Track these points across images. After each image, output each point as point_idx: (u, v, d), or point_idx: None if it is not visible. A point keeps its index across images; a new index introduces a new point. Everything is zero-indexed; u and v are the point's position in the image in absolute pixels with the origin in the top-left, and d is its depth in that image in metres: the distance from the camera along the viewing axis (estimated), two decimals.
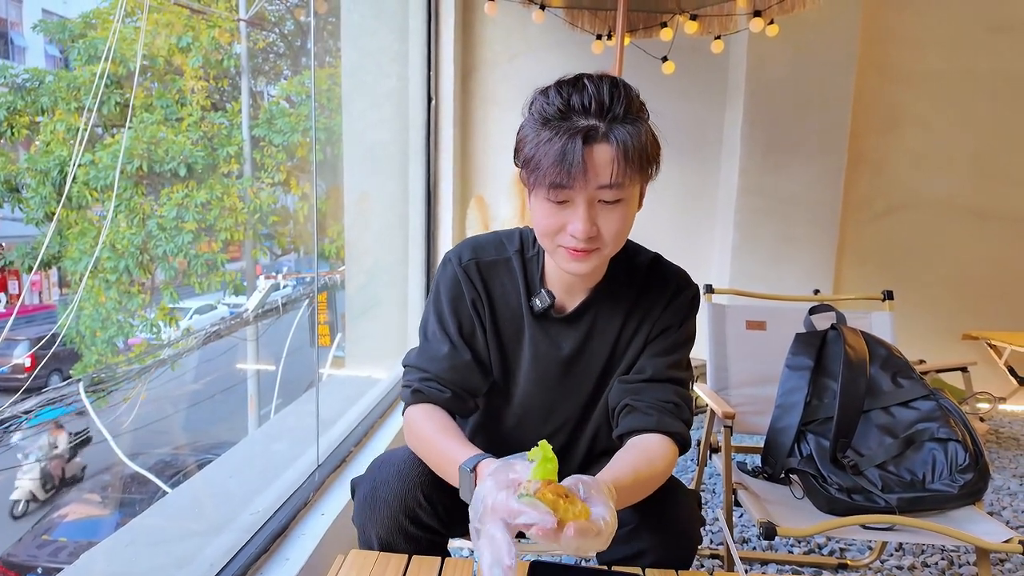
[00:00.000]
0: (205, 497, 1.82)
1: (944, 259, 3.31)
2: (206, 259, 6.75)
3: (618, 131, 0.80)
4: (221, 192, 6.82)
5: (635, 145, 0.80)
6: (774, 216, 3.07)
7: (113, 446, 3.77)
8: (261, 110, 7.29)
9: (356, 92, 2.90)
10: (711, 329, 1.75)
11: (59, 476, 5.94)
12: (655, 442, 0.91)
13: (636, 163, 0.81)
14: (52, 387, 4.45)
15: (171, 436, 6.73)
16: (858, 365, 1.50)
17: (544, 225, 0.86)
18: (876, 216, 3.30)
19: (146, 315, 7.08)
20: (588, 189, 0.81)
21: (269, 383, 7.01)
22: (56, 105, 7.27)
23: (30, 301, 9.33)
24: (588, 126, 0.79)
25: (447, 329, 0.99)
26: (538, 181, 0.82)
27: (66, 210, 7.34)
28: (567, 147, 0.78)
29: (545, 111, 0.82)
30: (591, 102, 0.80)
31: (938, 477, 1.35)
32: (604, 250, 0.87)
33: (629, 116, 0.81)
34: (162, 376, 6.65)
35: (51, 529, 5.53)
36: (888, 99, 3.21)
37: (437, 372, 0.98)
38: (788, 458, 1.50)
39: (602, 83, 0.82)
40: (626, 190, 0.83)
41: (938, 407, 1.44)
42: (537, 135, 0.82)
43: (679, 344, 0.99)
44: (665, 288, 0.99)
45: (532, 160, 0.82)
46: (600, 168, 0.80)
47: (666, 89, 3.03)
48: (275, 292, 6.86)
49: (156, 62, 7.19)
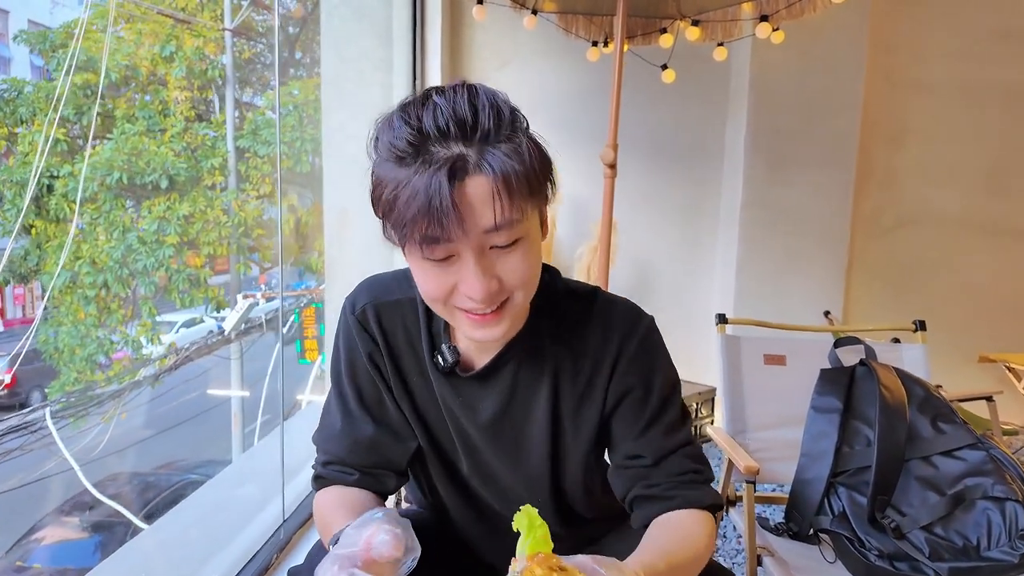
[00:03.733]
0: (158, 557, 1.63)
1: (957, 276, 3.16)
2: (188, 274, 6.53)
3: (492, 155, 0.62)
4: (204, 205, 6.61)
5: (518, 169, 0.62)
6: (780, 230, 2.91)
7: (80, 477, 3.54)
8: (246, 121, 7.11)
9: (336, 102, 2.73)
10: (725, 364, 1.57)
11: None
12: (687, 518, 0.76)
13: (524, 191, 0.63)
14: (16, 414, 4.22)
15: (151, 457, 6.50)
16: (896, 409, 1.32)
17: (429, 291, 0.68)
18: (886, 231, 3.14)
19: (127, 331, 6.85)
20: (472, 236, 0.63)
21: (254, 400, 6.78)
22: (35, 116, 7.09)
23: (13, 315, 9.09)
24: (452, 156, 0.61)
25: (344, 398, 0.83)
26: (406, 237, 0.64)
27: (44, 222, 7.13)
28: (431, 189, 0.60)
29: (394, 146, 0.63)
30: (448, 123, 0.62)
31: (995, 544, 1.18)
32: (515, 300, 0.69)
33: (502, 131, 0.63)
34: (143, 395, 6.42)
35: (27, 555, 5.30)
36: (897, 110, 3.07)
37: (335, 453, 0.83)
38: (818, 516, 1.32)
39: (457, 95, 0.63)
40: (521, 226, 0.65)
41: (989, 458, 1.26)
42: (392, 178, 0.63)
43: (663, 403, 0.79)
44: (608, 339, 0.78)
45: (392, 212, 0.63)
46: (479, 208, 0.62)
47: (666, 98, 2.88)
48: (256, 308, 6.64)
49: (139, 72, 7.00)
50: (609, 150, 1.84)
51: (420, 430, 0.83)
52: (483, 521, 0.89)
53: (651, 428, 0.79)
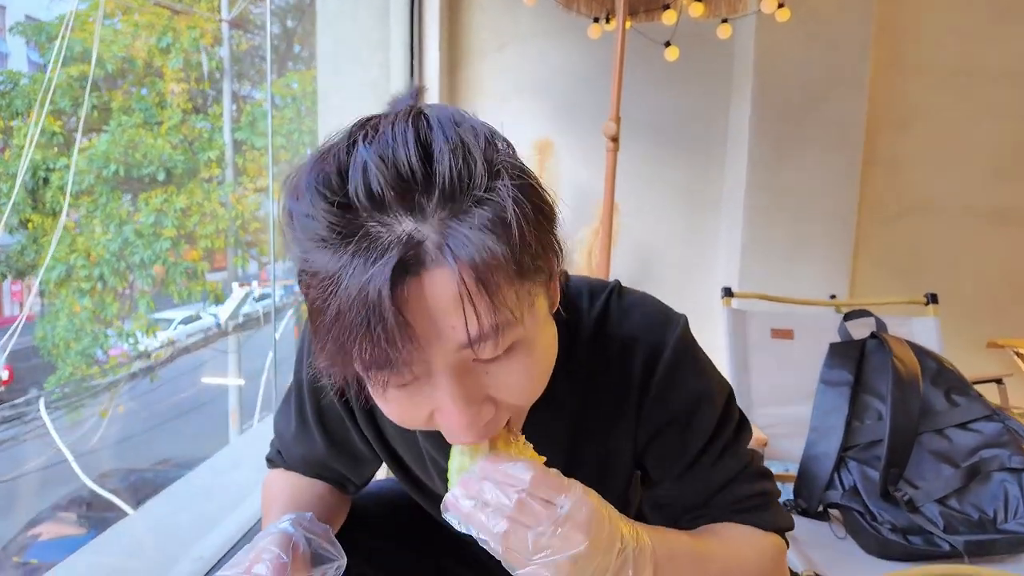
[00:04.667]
0: (147, 535, 1.59)
1: (965, 262, 3.12)
2: (185, 267, 6.48)
3: (457, 234, 0.41)
4: (202, 198, 6.57)
5: (499, 250, 0.41)
6: (785, 215, 2.86)
7: (75, 467, 3.50)
8: (244, 113, 7.06)
9: (333, 84, 2.68)
10: (730, 338, 1.53)
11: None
12: (743, 530, 0.63)
13: (511, 278, 0.42)
14: (8, 404, 4.18)
15: (149, 452, 6.46)
16: (909, 382, 1.28)
17: (404, 420, 0.50)
18: (893, 216, 3.10)
19: (123, 326, 6.81)
20: (441, 355, 0.44)
21: (252, 396, 6.74)
22: (31, 108, 7.04)
23: (10, 311, 9.06)
24: (397, 239, 0.40)
25: (302, 406, 0.70)
26: (347, 362, 0.43)
27: (41, 216, 7.09)
28: (368, 297, 0.40)
29: (308, 228, 0.43)
30: (385, 186, 0.41)
31: (1013, 515, 1.13)
32: (516, 415, 0.52)
33: (473, 187, 0.42)
34: (139, 388, 6.39)
35: (23, 550, 5.27)
36: (904, 93, 3.02)
37: (288, 455, 0.76)
38: (827, 491, 1.27)
39: (400, 136, 0.43)
40: (513, 329, 0.44)
41: (1005, 429, 1.22)
42: (313, 274, 0.43)
43: (710, 433, 0.62)
44: (628, 365, 0.60)
45: (321, 325, 0.43)
46: (441, 319, 0.42)
47: (668, 79, 2.83)
48: (256, 302, 6.60)
49: (135, 64, 6.96)
50: (611, 123, 1.80)
51: (389, 459, 0.72)
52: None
53: (696, 465, 0.62)
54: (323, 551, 0.58)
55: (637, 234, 2.98)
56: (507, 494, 0.45)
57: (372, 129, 0.44)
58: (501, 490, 0.46)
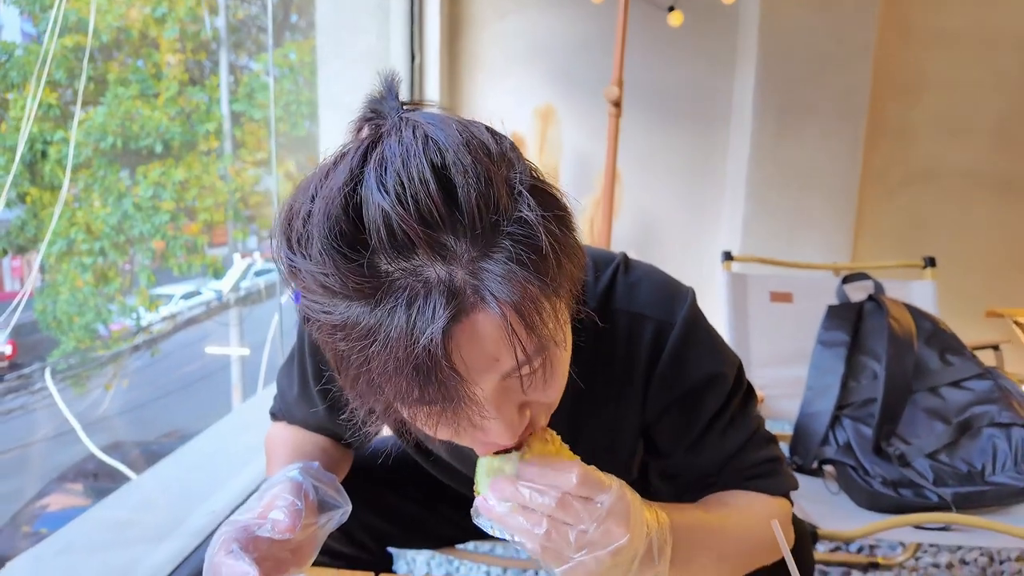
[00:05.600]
0: (159, 493, 1.63)
1: (967, 232, 3.12)
2: (185, 241, 6.49)
3: (492, 273, 0.40)
4: (200, 170, 6.54)
5: (535, 280, 0.41)
6: (788, 186, 2.87)
7: (82, 436, 3.55)
8: (241, 84, 6.99)
9: (332, 51, 2.67)
10: (730, 302, 1.55)
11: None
12: (752, 497, 0.65)
13: (549, 301, 0.43)
14: (15, 375, 4.21)
15: (153, 424, 6.53)
16: (904, 341, 1.30)
17: (434, 435, 0.50)
18: (895, 187, 3.10)
19: (124, 300, 6.83)
20: (485, 384, 0.45)
21: (255, 369, 6.79)
22: (26, 80, 6.96)
23: (11, 287, 9.06)
24: (434, 286, 0.40)
25: (304, 368, 0.70)
26: (381, 399, 0.44)
27: (39, 190, 7.05)
28: (418, 354, 0.39)
29: (328, 287, 0.41)
30: (410, 230, 0.39)
31: (1001, 468, 1.17)
32: (549, 406, 0.53)
33: (501, 217, 0.41)
34: (142, 361, 6.43)
35: (32, 520, 5.36)
36: (910, 61, 3.00)
37: (289, 414, 0.78)
38: (822, 447, 1.31)
39: (409, 168, 0.40)
40: (547, 350, 0.46)
41: (996, 387, 1.25)
42: (339, 326, 0.42)
43: (718, 408, 0.64)
44: (635, 345, 0.61)
45: (351, 370, 0.43)
46: (486, 356, 0.43)
47: (672, 49, 2.81)
48: (258, 275, 6.61)
49: (130, 34, 6.86)
50: (613, 87, 1.80)
51: (393, 426, 0.74)
52: (465, 484, 0.80)
53: (706, 435, 0.64)
54: (329, 499, 0.61)
55: (639, 205, 2.99)
56: (548, 495, 0.47)
57: (379, 165, 0.41)
58: (541, 491, 0.47)
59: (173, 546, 1.24)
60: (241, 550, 0.51)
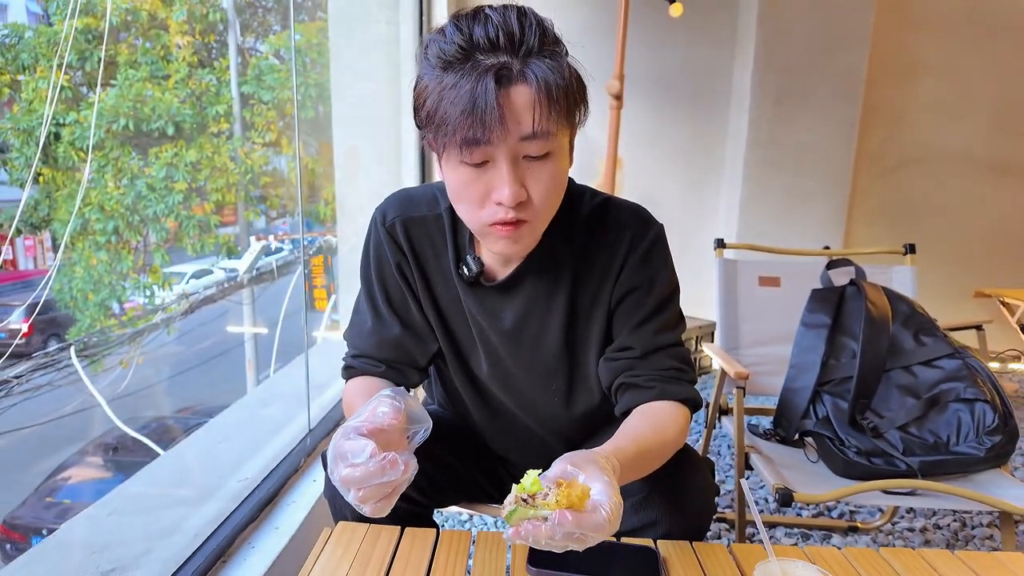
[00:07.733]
0: (193, 463, 1.76)
1: (958, 214, 3.20)
2: (198, 220, 6.60)
3: (536, 67, 0.67)
4: (211, 152, 6.62)
5: (558, 83, 0.68)
6: (784, 169, 2.94)
7: (107, 410, 3.71)
8: (250, 66, 7.03)
9: (344, 40, 2.73)
10: (721, 286, 1.65)
11: None
12: (663, 408, 0.83)
13: (562, 105, 0.69)
14: (42, 351, 4.37)
15: (169, 400, 6.72)
16: (880, 322, 1.41)
17: (464, 196, 0.73)
18: (889, 169, 3.17)
19: (139, 278, 6.98)
20: (509, 141, 0.68)
21: (267, 347, 6.96)
22: (37, 62, 7.02)
23: (24, 266, 9.22)
24: (499, 64, 0.67)
25: (374, 300, 0.91)
26: (447, 139, 0.69)
27: (52, 170, 7.16)
28: (477, 91, 0.65)
29: (444, 52, 0.68)
30: (498, 34, 0.67)
31: (964, 439, 1.28)
32: (535, 222, 0.75)
33: (545, 49, 0.69)
34: (158, 339, 6.60)
35: (55, 491, 5.57)
36: (906, 44, 3.04)
37: (364, 349, 0.92)
38: (803, 420, 1.42)
39: (508, 12, 0.69)
40: (554, 140, 0.70)
41: (964, 366, 1.35)
42: (439, 83, 0.68)
43: (661, 304, 0.86)
44: (619, 239, 0.84)
45: (436, 114, 0.68)
46: (520, 114, 0.67)
47: (673, 34, 2.87)
48: (268, 255, 6.73)
49: (139, 16, 6.89)
50: (615, 81, 1.88)
51: (443, 334, 0.91)
52: (497, 419, 0.98)
53: (645, 324, 0.85)
54: (415, 415, 0.71)
55: (639, 189, 3.07)
56: (562, 539, 0.59)
57: (491, 6, 0.70)
58: (558, 536, 0.58)
59: (213, 507, 1.37)
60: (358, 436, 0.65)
